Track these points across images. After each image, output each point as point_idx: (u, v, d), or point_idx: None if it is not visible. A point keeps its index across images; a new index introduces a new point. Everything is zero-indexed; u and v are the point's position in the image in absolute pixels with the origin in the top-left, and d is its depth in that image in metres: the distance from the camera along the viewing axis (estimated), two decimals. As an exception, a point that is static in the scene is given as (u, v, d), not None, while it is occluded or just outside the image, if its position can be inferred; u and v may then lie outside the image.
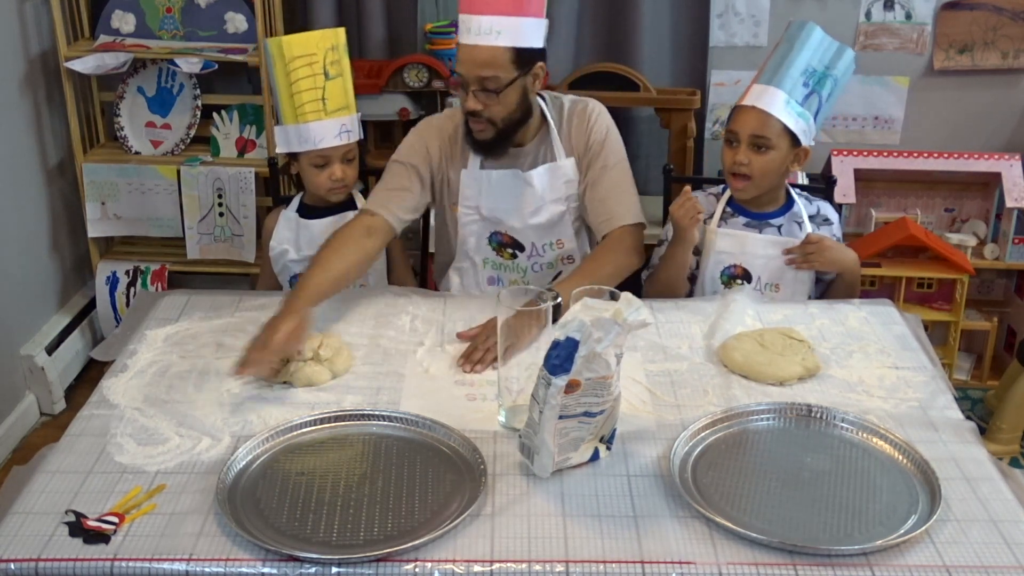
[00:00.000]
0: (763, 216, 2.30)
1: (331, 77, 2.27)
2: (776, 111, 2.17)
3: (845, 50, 2.26)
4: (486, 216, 2.27)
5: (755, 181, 2.21)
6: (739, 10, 3.37)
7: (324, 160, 2.30)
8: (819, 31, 2.24)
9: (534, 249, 2.31)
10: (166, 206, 3.27)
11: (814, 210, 2.34)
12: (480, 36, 2.05)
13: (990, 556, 1.38)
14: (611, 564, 1.36)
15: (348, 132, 2.32)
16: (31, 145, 3.17)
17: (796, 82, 2.19)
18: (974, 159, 3.28)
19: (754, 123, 2.18)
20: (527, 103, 2.19)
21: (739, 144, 2.20)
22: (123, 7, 3.22)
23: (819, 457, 1.60)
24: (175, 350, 1.92)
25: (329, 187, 2.32)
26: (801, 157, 2.24)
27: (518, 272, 2.34)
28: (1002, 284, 3.49)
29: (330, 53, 2.27)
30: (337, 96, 2.30)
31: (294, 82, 2.25)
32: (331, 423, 1.67)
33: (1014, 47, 3.37)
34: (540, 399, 1.47)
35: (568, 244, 2.32)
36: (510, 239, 2.29)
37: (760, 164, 2.19)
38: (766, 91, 2.19)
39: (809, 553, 1.37)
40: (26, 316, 3.17)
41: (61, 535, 1.40)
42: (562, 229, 2.30)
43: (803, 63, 2.21)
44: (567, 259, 2.34)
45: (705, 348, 1.95)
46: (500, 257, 2.32)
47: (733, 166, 2.21)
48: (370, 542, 1.39)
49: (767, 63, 2.24)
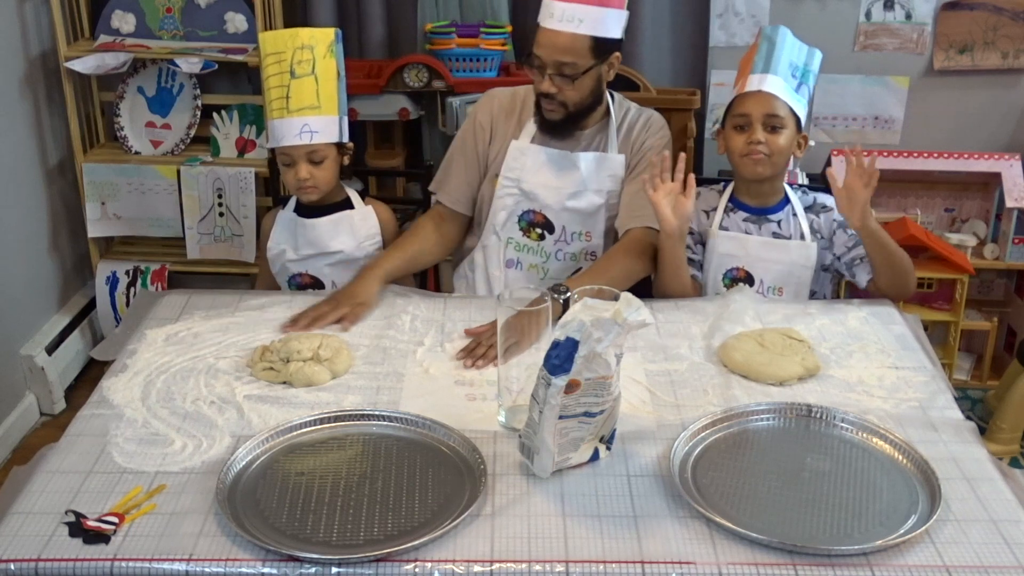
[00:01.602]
0: (764, 211, 2.30)
1: (297, 76, 2.23)
2: (781, 94, 2.21)
3: (814, 51, 2.31)
4: (525, 191, 2.30)
5: (772, 159, 2.22)
6: (739, 10, 3.37)
7: (289, 159, 2.28)
8: (791, 33, 2.28)
9: (563, 234, 2.33)
10: (166, 206, 3.27)
11: (810, 200, 2.35)
12: (563, 23, 2.09)
13: (990, 556, 1.38)
14: (611, 564, 1.36)
15: (312, 133, 2.25)
16: (31, 145, 3.17)
17: (787, 73, 2.24)
18: (974, 159, 3.28)
19: (764, 104, 2.20)
20: (600, 90, 2.26)
21: (751, 126, 2.21)
22: (123, 7, 3.22)
23: (819, 457, 1.60)
24: (175, 350, 1.92)
25: (296, 186, 2.30)
26: (803, 143, 2.27)
27: (540, 256, 2.35)
28: (1002, 284, 3.49)
29: (299, 52, 2.23)
30: (303, 96, 2.24)
31: (265, 78, 2.26)
32: (331, 423, 1.67)
33: (1014, 47, 3.37)
34: (540, 399, 1.47)
35: (595, 240, 2.34)
36: (543, 218, 2.31)
37: (775, 143, 2.21)
38: (765, 78, 2.22)
39: (809, 553, 1.37)
40: (26, 316, 3.17)
41: (61, 535, 1.40)
42: (595, 222, 2.33)
43: (788, 58, 2.25)
44: (590, 255, 2.35)
45: (705, 348, 1.95)
46: (527, 238, 2.34)
47: (749, 147, 2.21)
48: (370, 542, 1.40)
49: (753, 57, 2.26)
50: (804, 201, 2.33)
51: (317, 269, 2.37)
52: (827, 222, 2.31)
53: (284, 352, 1.83)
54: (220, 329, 2.01)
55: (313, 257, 2.36)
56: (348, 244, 2.35)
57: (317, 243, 2.34)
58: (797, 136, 2.25)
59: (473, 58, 3.23)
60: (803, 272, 2.27)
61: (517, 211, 2.33)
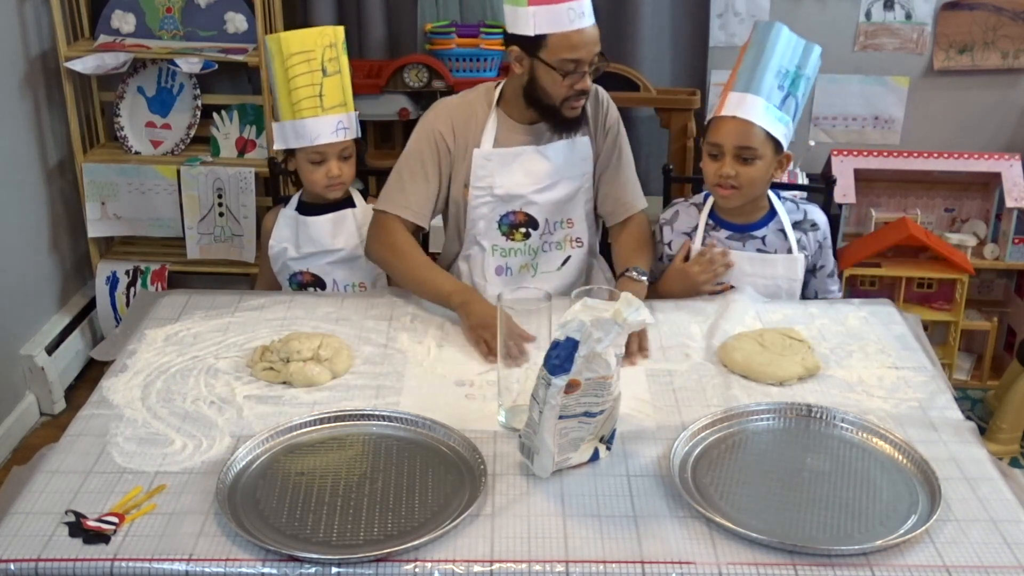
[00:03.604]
0: (746, 228, 2.25)
1: (328, 74, 2.28)
2: (757, 119, 2.11)
3: (813, 47, 2.20)
4: (499, 195, 2.27)
5: (743, 191, 2.17)
6: (739, 10, 3.37)
7: (321, 157, 2.30)
8: (786, 30, 2.18)
9: (547, 226, 2.32)
10: (166, 206, 3.27)
11: (800, 216, 2.28)
12: (586, 18, 2.11)
13: (990, 556, 1.38)
14: (611, 564, 1.36)
15: (345, 129, 2.32)
16: (31, 145, 3.17)
17: (772, 86, 2.14)
18: (974, 159, 3.28)
19: (737, 134, 2.12)
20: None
21: (723, 156, 2.14)
22: (123, 7, 3.22)
23: (819, 457, 1.60)
24: (175, 350, 1.92)
25: (326, 184, 2.32)
26: (784, 163, 2.19)
27: (528, 255, 2.32)
28: (1002, 284, 3.49)
29: (328, 50, 2.28)
30: (334, 93, 2.30)
31: (292, 78, 2.25)
32: (331, 423, 1.67)
33: (1014, 47, 3.37)
34: (540, 399, 1.47)
35: (577, 224, 2.34)
36: (524, 216, 2.29)
37: (747, 175, 2.14)
38: (744, 99, 2.13)
39: (809, 553, 1.37)
40: (26, 316, 3.17)
41: (61, 535, 1.40)
42: (573, 208, 2.33)
43: (775, 65, 2.14)
44: (576, 240, 2.35)
45: (705, 348, 1.95)
46: (510, 240, 2.31)
47: (719, 179, 2.15)
48: (370, 542, 1.40)
49: (738, 69, 2.18)
50: (793, 215, 2.27)
51: (318, 267, 2.37)
52: (814, 241, 2.27)
53: (284, 352, 1.83)
54: (220, 329, 2.01)
55: (314, 255, 2.36)
56: (349, 242, 2.35)
57: (319, 241, 2.35)
58: (776, 158, 2.16)
59: (473, 58, 3.24)
60: (791, 285, 2.24)
61: (495, 217, 2.29)
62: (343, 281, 2.37)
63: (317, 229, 2.35)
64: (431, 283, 2.13)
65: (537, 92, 2.17)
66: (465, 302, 2.03)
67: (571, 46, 2.11)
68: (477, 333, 1.95)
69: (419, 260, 2.19)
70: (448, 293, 2.08)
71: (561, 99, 2.16)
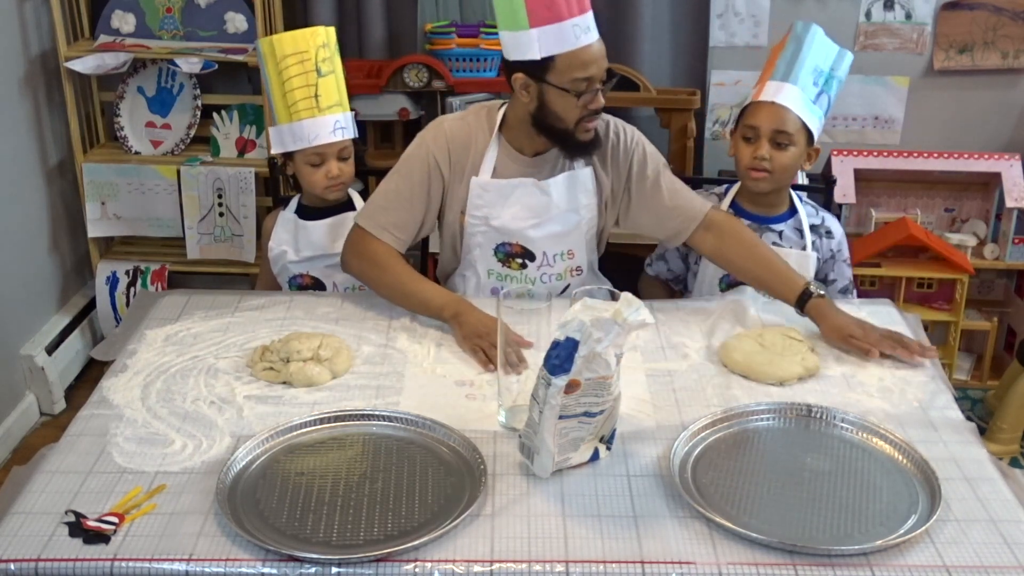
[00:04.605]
0: (766, 220, 2.29)
1: (323, 74, 2.27)
2: (795, 106, 2.18)
3: (845, 53, 2.27)
4: (495, 227, 2.20)
5: (775, 176, 2.21)
6: (739, 10, 3.37)
7: (320, 158, 2.29)
8: (822, 32, 2.24)
9: (545, 259, 2.25)
10: (166, 206, 3.27)
11: (818, 220, 2.33)
12: (592, 33, 2.05)
13: (990, 556, 1.38)
14: (611, 564, 1.36)
15: (343, 129, 2.30)
16: (31, 145, 3.17)
17: (808, 81, 2.20)
18: (974, 159, 3.28)
19: (775, 119, 2.18)
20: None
21: (758, 140, 2.19)
22: (123, 7, 3.22)
23: (819, 457, 1.60)
24: (175, 350, 1.92)
25: (326, 185, 2.31)
26: (813, 156, 2.25)
27: (525, 283, 2.26)
28: (1002, 284, 3.49)
29: (322, 51, 2.26)
30: (330, 93, 2.29)
31: (287, 80, 2.25)
32: (331, 423, 1.67)
33: (1014, 47, 3.37)
34: (540, 399, 1.47)
35: (578, 254, 2.26)
36: (521, 249, 2.22)
37: (780, 160, 2.19)
38: (782, 87, 2.19)
39: (809, 553, 1.37)
40: (26, 316, 3.17)
41: (61, 535, 1.40)
42: (575, 239, 2.24)
43: (812, 63, 2.21)
44: (576, 270, 2.27)
45: (705, 348, 1.95)
46: (507, 268, 2.25)
47: (753, 161, 2.20)
48: (370, 542, 1.39)
49: (777, 60, 2.23)
50: (812, 219, 2.31)
51: (318, 270, 2.37)
52: (827, 248, 2.30)
53: (284, 352, 1.83)
54: (220, 329, 2.01)
55: (314, 259, 2.36)
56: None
57: (318, 245, 2.35)
58: (807, 150, 2.23)
59: (473, 58, 3.24)
60: None
61: (490, 245, 2.23)
62: (343, 284, 2.37)
63: (316, 233, 2.35)
64: (419, 296, 2.08)
65: (548, 118, 2.08)
66: (457, 313, 1.99)
67: (582, 64, 2.03)
68: (472, 342, 1.93)
69: (403, 272, 2.12)
70: (439, 307, 2.03)
71: (575, 121, 2.08)
